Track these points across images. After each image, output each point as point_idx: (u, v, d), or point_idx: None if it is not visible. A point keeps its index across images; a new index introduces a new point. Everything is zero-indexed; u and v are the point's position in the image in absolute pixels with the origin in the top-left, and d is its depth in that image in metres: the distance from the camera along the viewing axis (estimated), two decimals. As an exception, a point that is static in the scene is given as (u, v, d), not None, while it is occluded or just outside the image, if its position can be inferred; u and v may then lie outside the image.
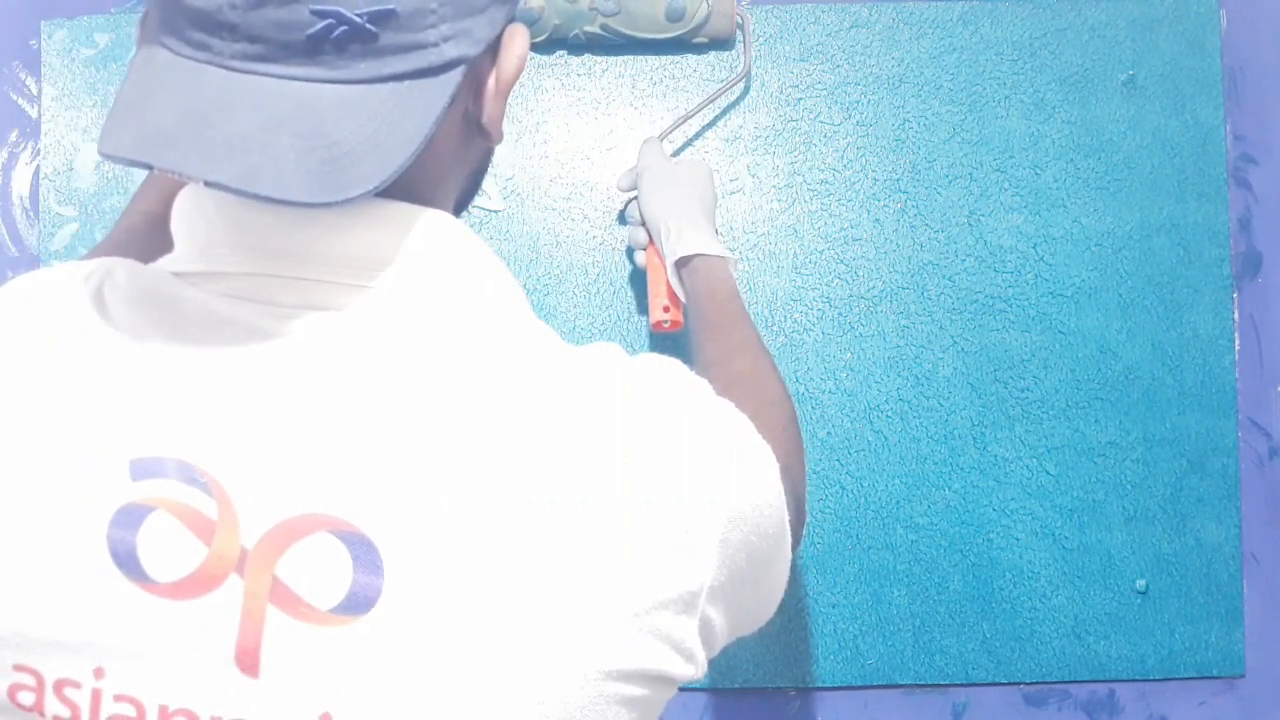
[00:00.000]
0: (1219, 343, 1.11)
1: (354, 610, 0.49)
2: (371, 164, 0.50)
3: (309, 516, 0.50)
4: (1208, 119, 1.12)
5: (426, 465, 0.50)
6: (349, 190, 0.49)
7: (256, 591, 0.49)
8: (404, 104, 0.52)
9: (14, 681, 0.51)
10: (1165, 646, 1.09)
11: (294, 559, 0.50)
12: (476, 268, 0.57)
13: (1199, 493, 1.10)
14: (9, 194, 1.14)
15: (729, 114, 1.13)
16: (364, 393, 0.51)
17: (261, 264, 0.54)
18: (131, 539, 0.50)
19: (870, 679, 1.09)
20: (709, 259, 0.91)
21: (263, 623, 0.49)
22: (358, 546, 0.49)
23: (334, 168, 0.50)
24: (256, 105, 0.50)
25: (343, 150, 0.50)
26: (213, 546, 0.50)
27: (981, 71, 1.13)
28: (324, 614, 0.49)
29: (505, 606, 0.50)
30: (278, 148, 0.49)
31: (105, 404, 0.52)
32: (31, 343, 0.54)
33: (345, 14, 0.50)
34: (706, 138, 1.13)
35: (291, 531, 0.50)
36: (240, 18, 0.50)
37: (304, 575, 0.49)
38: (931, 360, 1.10)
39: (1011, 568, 1.09)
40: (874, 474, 1.10)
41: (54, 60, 1.13)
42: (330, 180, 0.49)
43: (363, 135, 0.51)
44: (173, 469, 0.50)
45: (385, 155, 0.51)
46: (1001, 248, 1.11)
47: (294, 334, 0.52)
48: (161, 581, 0.50)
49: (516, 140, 1.13)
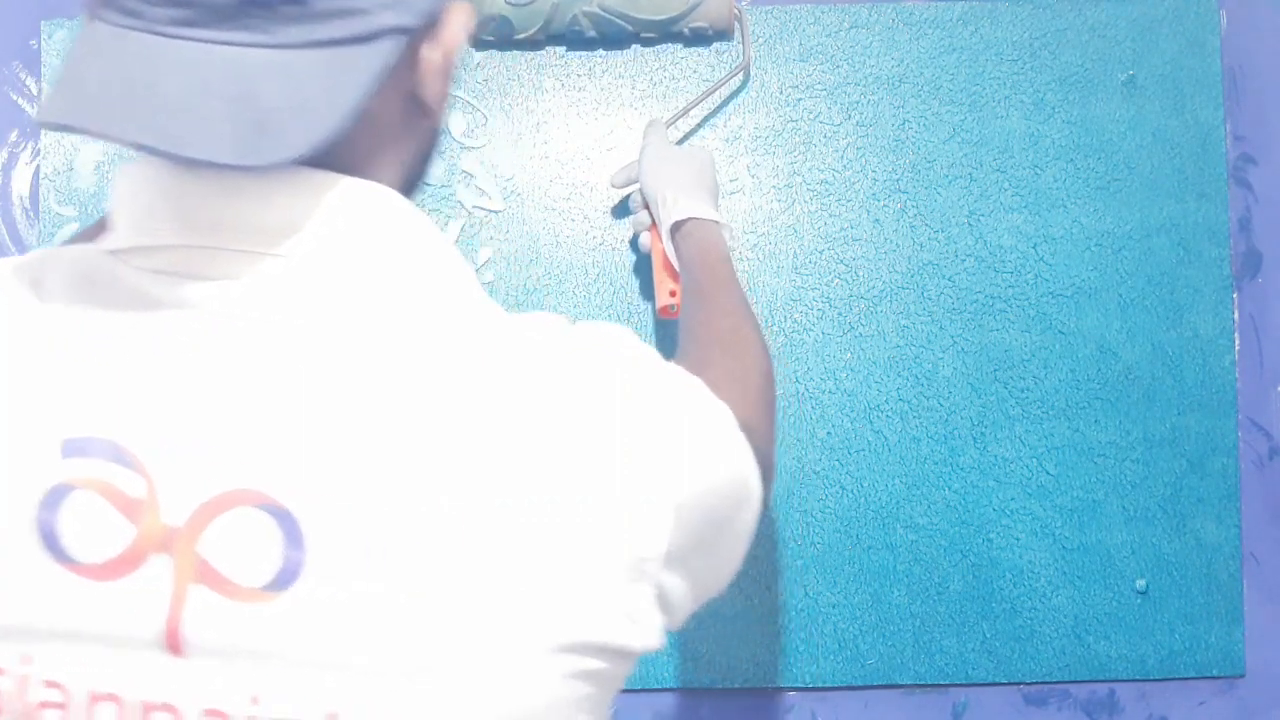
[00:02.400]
0: (1219, 343, 1.11)
1: (278, 586, 0.48)
2: (299, 130, 0.50)
3: (233, 492, 0.49)
4: (1208, 119, 1.12)
5: (349, 438, 0.49)
6: (274, 154, 0.49)
7: (183, 570, 0.49)
8: (335, 71, 0.51)
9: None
10: (1165, 646, 1.09)
11: (218, 535, 0.49)
12: (408, 238, 0.55)
13: (1199, 493, 1.10)
14: (9, 194, 1.14)
15: (729, 113, 1.13)
16: (288, 365, 0.51)
17: (193, 235, 0.53)
18: (53, 520, 0.50)
19: (870, 679, 1.09)
20: (702, 222, 0.92)
21: (186, 602, 0.49)
22: (281, 520, 0.49)
23: (261, 132, 0.49)
24: (185, 70, 0.50)
25: (271, 115, 0.49)
26: (140, 526, 0.49)
27: (981, 71, 1.13)
28: (248, 590, 0.49)
29: (436, 580, 0.48)
30: (205, 111, 0.49)
31: (42, 386, 0.52)
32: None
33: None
34: (706, 137, 1.13)
35: (216, 507, 0.49)
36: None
37: (228, 551, 0.49)
38: (931, 360, 1.10)
39: (1011, 568, 1.09)
40: (874, 474, 1.10)
41: (54, 60, 1.13)
42: (257, 144, 0.49)
43: (291, 101, 0.50)
44: (102, 449, 0.50)
45: (313, 121, 0.50)
46: (1001, 248, 1.11)
47: (221, 308, 0.52)
48: (90, 563, 0.50)
49: (516, 140, 1.13)
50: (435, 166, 1.12)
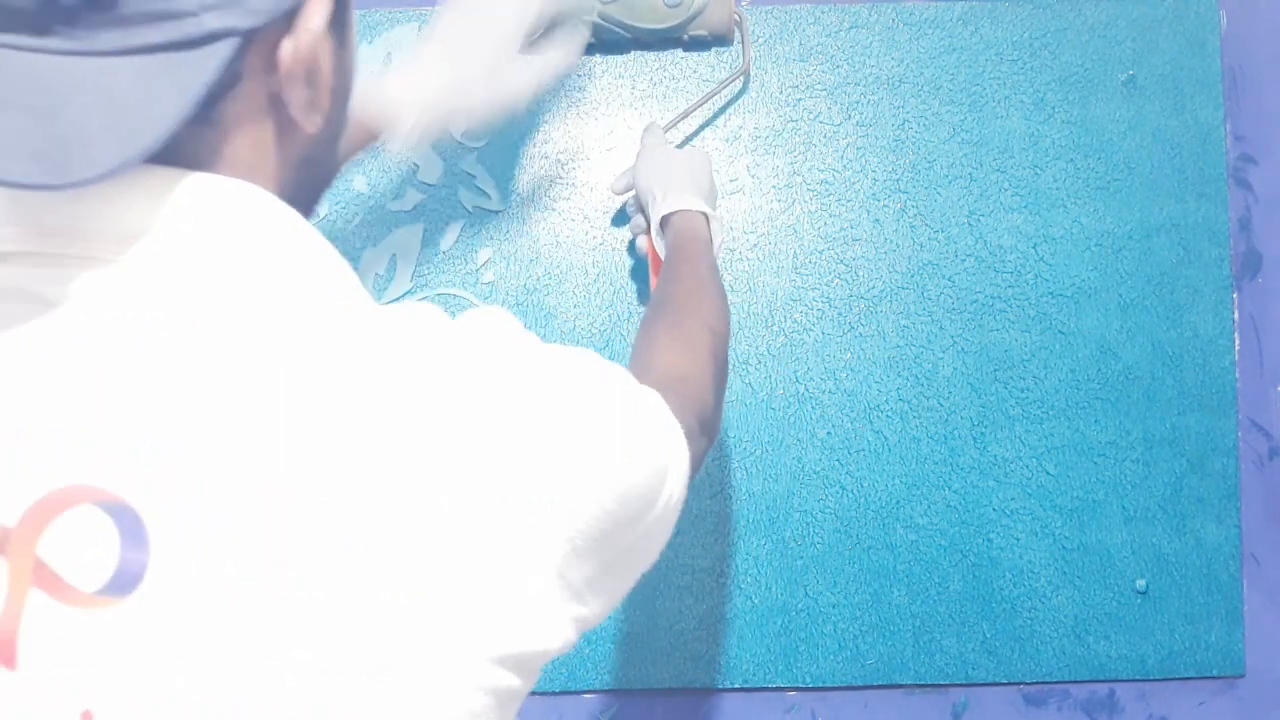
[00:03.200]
0: (1219, 343, 1.11)
1: (119, 590, 0.44)
2: (108, 146, 0.45)
3: (71, 488, 0.45)
4: (1208, 119, 1.12)
5: (204, 436, 0.46)
6: (78, 173, 0.45)
7: (19, 573, 0.45)
8: (152, 80, 0.46)
9: None
10: (1165, 646, 1.09)
11: (56, 535, 0.45)
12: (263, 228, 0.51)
13: (1199, 493, 1.10)
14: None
15: (729, 114, 1.13)
16: (135, 363, 0.47)
17: (37, 241, 0.49)
18: None
19: (870, 679, 1.09)
20: (686, 213, 0.92)
21: (22, 609, 0.45)
22: (123, 519, 0.45)
23: (66, 148, 0.45)
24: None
25: (77, 130, 0.45)
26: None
27: (981, 71, 1.13)
28: (87, 595, 0.44)
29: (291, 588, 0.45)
30: (6, 126, 0.45)
31: None
32: None
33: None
34: (706, 138, 1.13)
35: (54, 505, 0.45)
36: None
37: (67, 553, 0.45)
38: (931, 360, 1.10)
39: (1011, 568, 1.09)
40: (874, 474, 1.10)
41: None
42: (60, 162, 0.45)
43: (100, 113, 0.46)
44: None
45: (127, 136, 0.46)
46: (1001, 248, 1.11)
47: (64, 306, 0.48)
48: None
49: (516, 140, 1.13)
50: (434, 166, 1.12)
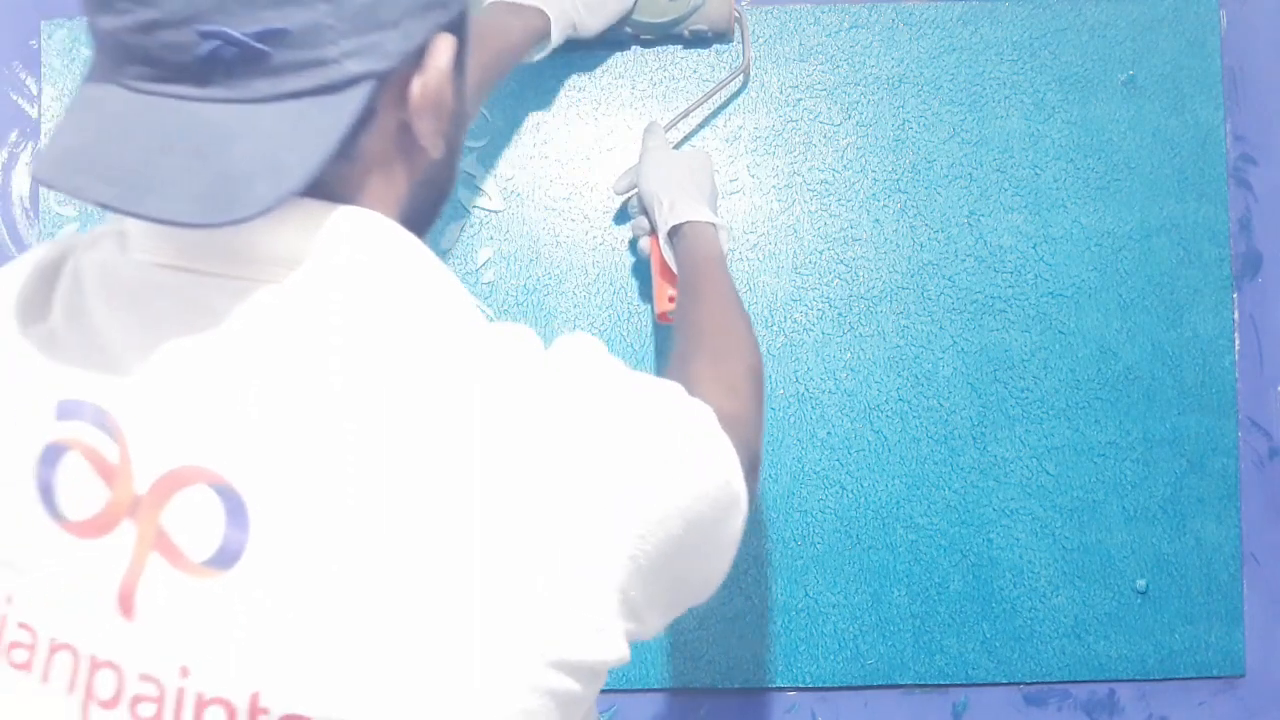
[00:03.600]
0: (1219, 343, 1.11)
1: (221, 564, 0.50)
2: (265, 184, 0.50)
3: (191, 468, 0.51)
4: (1208, 119, 1.12)
5: (308, 432, 0.51)
6: (238, 212, 0.49)
7: (144, 537, 0.52)
8: (303, 122, 0.52)
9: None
10: (1165, 646, 1.09)
11: (177, 508, 0.51)
12: (394, 259, 0.56)
13: (1199, 493, 1.10)
14: (9, 194, 1.14)
15: (729, 114, 1.13)
16: (263, 365, 0.52)
17: (188, 259, 0.54)
18: (51, 476, 0.53)
19: (870, 679, 1.09)
20: (697, 225, 0.93)
21: (143, 569, 0.51)
22: (230, 500, 0.50)
23: (226, 188, 0.50)
24: (154, 126, 0.51)
25: (237, 170, 0.50)
26: (113, 491, 0.52)
27: (981, 71, 1.13)
28: (196, 565, 0.51)
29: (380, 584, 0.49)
30: (168, 169, 0.50)
31: (50, 351, 0.55)
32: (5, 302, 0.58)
33: (233, 34, 0.50)
34: (707, 138, 1.13)
35: (176, 482, 0.51)
36: (135, 40, 0.51)
37: (184, 525, 0.51)
38: (931, 360, 1.10)
39: (1011, 568, 1.09)
40: (874, 474, 1.10)
41: (54, 60, 1.13)
42: (220, 201, 0.49)
43: (258, 155, 0.50)
44: (89, 413, 0.53)
45: (281, 175, 0.51)
46: (1001, 248, 1.11)
47: (229, 313, 0.53)
48: (71, 519, 0.53)
49: (516, 140, 1.13)
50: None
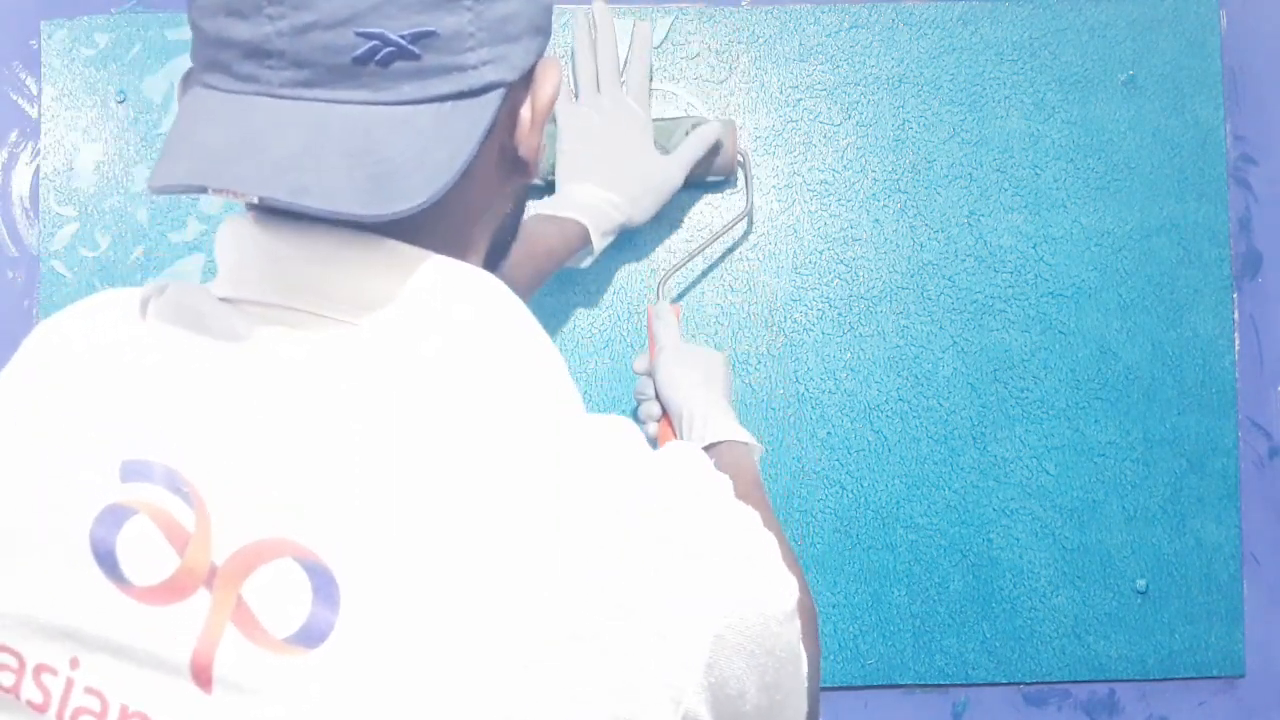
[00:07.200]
0: (1219, 343, 1.11)
1: (306, 642, 0.49)
2: (419, 179, 0.52)
3: (278, 541, 0.50)
4: (1208, 119, 1.12)
5: (403, 508, 0.50)
6: (398, 204, 0.51)
7: (221, 608, 0.50)
8: (447, 123, 0.53)
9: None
10: (1165, 646, 1.09)
11: (259, 581, 0.50)
12: (488, 320, 0.56)
13: (1199, 493, 1.10)
14: (9, 194, 1.14)
15: (728, 114, 1.13)
16: (356, 428, 0.52)
17: (282, 295, 0.55)
18: (112, 539, 0.51)
19: (870, 679, 1.09)
20: (735, 445, 0.91)
21: (219, 640, 0.50)
22: (319, 578, 0.49)
23: (382, 183, 0.51)
24: (305, 127, 0.52)
25: (391, 166, 0.51)
26: (185, 558, 0.51)
27: (981, 71, 1.13)
28: (278, 641, 0.49)
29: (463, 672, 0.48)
30: (326, 165, 0.51)
31: (114, 405, 0.54)
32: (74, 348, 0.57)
33: (389, 35, 0.52)
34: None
35: (260, 554, 0.50)
36: (288, 44, 0.52)
37: (266, 599, 0.50)
38: (931, 360, 1.10)
39: (1011, 568, 1.09)
40: (874, 474, 1.10)
41: (54, 60, 1.13)
42: (379, 194, 0.51)
43: (410, 152, 0.52)
44: (160, 475, 0.52)
45: (432, 171, 0.52)
46: (1001, 248, 1.11)
47: (300, 361, 0.53)
48: (136, 584, 0.51)
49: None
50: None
